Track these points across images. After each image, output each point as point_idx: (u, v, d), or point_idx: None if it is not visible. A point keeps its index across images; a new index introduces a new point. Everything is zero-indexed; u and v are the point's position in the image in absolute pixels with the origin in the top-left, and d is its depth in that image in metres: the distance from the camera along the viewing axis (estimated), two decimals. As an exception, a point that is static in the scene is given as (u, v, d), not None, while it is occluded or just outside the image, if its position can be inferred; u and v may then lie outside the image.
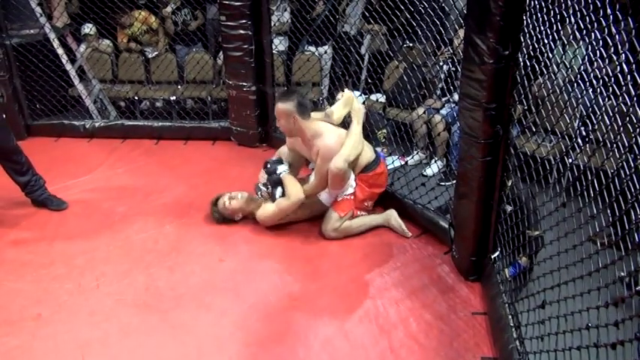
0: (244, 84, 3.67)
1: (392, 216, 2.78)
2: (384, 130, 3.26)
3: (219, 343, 2.02)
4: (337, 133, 2.70)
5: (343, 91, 2.96)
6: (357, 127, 2.72)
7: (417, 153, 3.74)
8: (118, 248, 2.63)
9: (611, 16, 1.38)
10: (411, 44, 3.91)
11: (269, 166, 2.81)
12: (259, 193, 2.81)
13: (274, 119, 3.30)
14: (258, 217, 2.76)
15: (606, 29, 1.40)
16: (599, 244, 1.46)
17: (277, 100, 2.78)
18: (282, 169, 2.76)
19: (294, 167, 2.89)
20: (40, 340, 2.03)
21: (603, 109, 1.48)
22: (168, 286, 2.34)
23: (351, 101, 2.82)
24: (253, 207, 2.81)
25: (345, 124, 2.87)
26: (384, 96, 4.08)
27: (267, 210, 2.73)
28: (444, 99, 3.70)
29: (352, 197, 2.75)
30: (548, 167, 1.84)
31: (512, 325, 1.93)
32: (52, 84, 4.09)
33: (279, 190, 2.71)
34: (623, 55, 1.33)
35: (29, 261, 2.52)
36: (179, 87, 4.59)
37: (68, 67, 4.15)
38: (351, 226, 2.74)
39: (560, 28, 1.69)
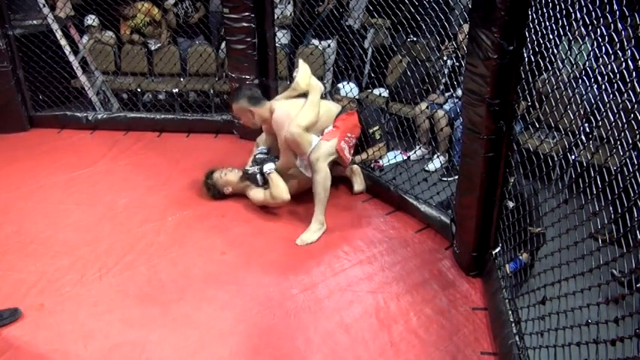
0: (247, 77, 3.66)
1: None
2: (377, 127, 3.21)
3: (221, 335, 2.03)
4: (288, 104, 2.85)
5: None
6: (312, 97, 2.84)
7: (420, 148, 3.73)
8: (120, 240, 2.64)
9: (617, 12, 1.37)
10: (414, 38, 3.90)
11: (257, 156, 2.99)
12: (247, 174, 2.93)
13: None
14: (250, 196, 2.92)
15: (612, 25, 1.39)
16: (600, 240, 1.46)
17: (230, 102, 2.98)
18: (269, 168, 2.85)
19: (272, 149, 3.03)
20: (43, 329, 2.04)
21: (607, 105, 1.48)
22: (170, 279, 2.36)
23: (307, 70, 2.94)
24: (243, 186, 2.96)
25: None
26: (387, 90, 4.07)
27: (257, 194, 2.89)
28: (447, 94, 3.69)
29: (335, 128, 2.85)
30: (550, 164, 1.84)
31: (512, 320, 1.94)
32: (54, 75, 4.09)
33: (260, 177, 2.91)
34: (629, 51, 1.32)
35: (32, 251, 2.53)
36: (182, 79, 4.58)
37: (71, 58, 4.14)
38: (328, 173, 2.70)
39: (565, 23, 1.68)
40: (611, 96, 1.45)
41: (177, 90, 4.49)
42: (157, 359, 1.91)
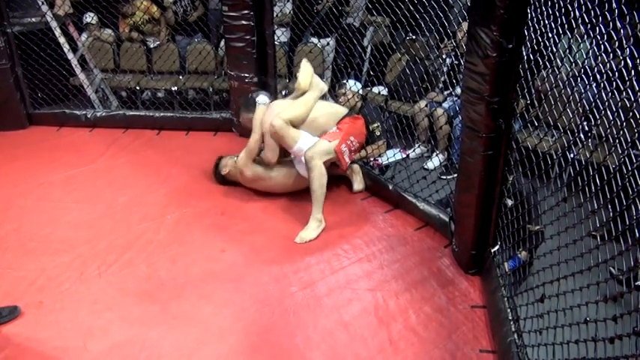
0: (246, 75, 3.66)
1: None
2: (378, 124, 3.22)
3: (220, 333, 2.04)
4: (282, 102, 2.97)
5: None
6: (308, 95, 2.92)
7: (419, 146, 3.73)
8: (119, 238, 2.64)
9: (616, 10, 1.37)
10: (414, 37, 3.90)
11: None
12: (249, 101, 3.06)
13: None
14: (237, 166, 3.01)
15: (611, 23, 1.40)
16: (598, 238, 1.46)
17: (243, 112, 3.10)
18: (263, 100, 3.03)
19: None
20: (43, 327, 2.04)
21: (606, 104, 1.48)
22: (170, 276, 2.36)
23: (309, 70, 2.98)
24: (235, 172, 3.06)
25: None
26: (386, 89, 4.07)
27: (240, 157, 3.00)
28: (446, 92, 3.69)
29: (339, 130, 2.87)
30: (549, 162, 1.84)
31: (510, 318, 1.94)
32: (53, 73, 4.08)
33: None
34: (628, 49, 1.33)
35: (32, 249, 2.53)
36: (181, 77, 4.58)
37: (70, 56, 4.14)
38: (322, 171, 2.72)
39: (564, 21, 1.69)
40: (610, 94, 1.46)
41: (176, 88, 4.48)
42: (156, 357, 1.91)
